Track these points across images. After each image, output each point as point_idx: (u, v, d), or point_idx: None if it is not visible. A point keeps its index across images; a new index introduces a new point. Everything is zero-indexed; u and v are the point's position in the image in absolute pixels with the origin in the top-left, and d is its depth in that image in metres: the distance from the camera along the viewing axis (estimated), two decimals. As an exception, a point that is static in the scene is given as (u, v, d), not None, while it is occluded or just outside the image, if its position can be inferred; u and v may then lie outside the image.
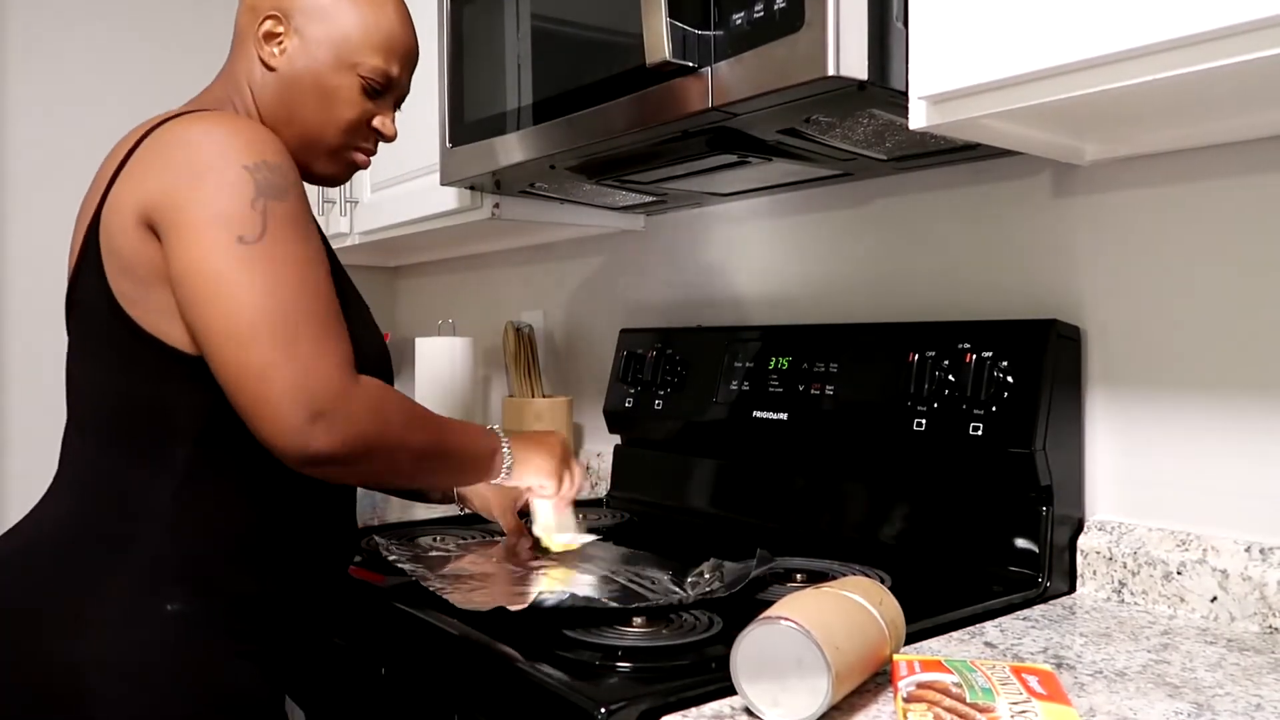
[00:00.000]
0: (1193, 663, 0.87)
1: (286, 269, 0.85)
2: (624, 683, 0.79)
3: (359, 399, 0.85)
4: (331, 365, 0.84)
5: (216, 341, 0.83)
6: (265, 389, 0.81)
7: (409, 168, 1.75)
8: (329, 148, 1.03)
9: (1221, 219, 1.04)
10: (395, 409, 0.90)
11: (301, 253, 0.86)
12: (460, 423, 1.04)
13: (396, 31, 1.02)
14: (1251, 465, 1.01)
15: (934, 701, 0.70)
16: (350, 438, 0.83)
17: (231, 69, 1.03)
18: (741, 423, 1.39)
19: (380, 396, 0.88)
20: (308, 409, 0.81)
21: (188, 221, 0.85)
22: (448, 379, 1.97)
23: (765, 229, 1.56)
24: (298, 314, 0.83)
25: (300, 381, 0.82)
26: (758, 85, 0.94)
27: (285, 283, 0.84)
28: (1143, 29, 0.73)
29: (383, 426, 0.87)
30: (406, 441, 0.90)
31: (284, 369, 0.81)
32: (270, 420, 0.81)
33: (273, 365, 0.81)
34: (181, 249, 0.85)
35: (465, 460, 1.02)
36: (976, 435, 1.10)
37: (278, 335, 0.82)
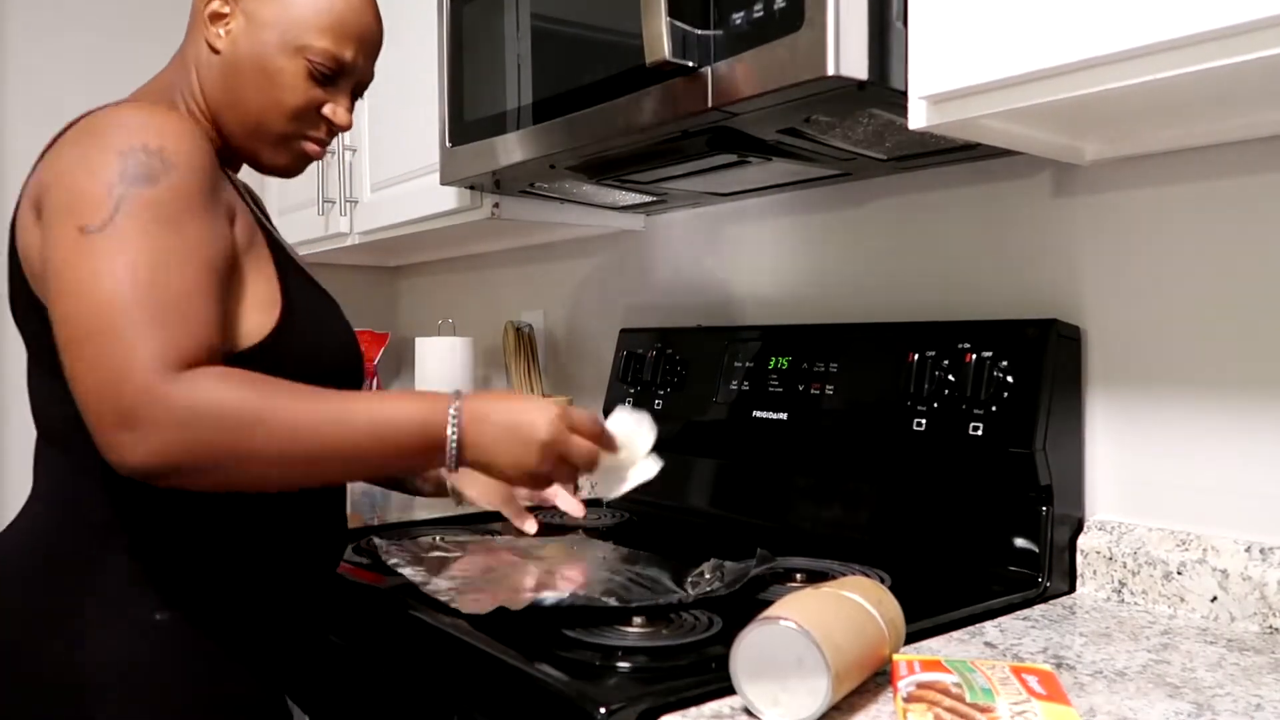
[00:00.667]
0: (1193, 663, 0.87)
1: (119, 260, 0.77)
2: (624, 683, 0.79)
3: (167, 405, 0.74)
4: (138, 367, 0.74)
5: (59, 342, 0.78)
6: (80, 394, 0.75)
7: (409, 168, 1.75)
8: (275, 135, 0.97)
9: (1221, 219, 1.04)
10: (234, 409, 0.75)
11: (153, 243, 0.78)
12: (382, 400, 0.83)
13: (350, 14, 0.97)
14: (1251, 465, 1.01)
15: (934, 701, 0.70)
16: (165, 447, 0.73)
17: (182, 52, 0.99)
18: (741, 423, 1.38)
19: (210, 396, 0.75)
20: (112, 416, 0.73)
21: (48, 210, 0.82)
22: (448, 379, 1.97)
23: (765, 229, 1.56)
24: (115, 310, 0.75)
25: (103, 385, 0.74)
26: (758, 85, 0.94)
27: (112, 275, 0.76)
28: (1142, 29, 0.73)
29: (207, 433, 0.74)
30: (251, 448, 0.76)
31: (92, 372, 0.75)
32: (92, 430, 0.75)
33: (84, 368, 0.75)
34: (44, 241, 0.81)
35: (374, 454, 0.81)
36: (976, 435, 1.10)
37: (93, 335, 0.75)
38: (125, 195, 0.79)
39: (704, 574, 1.07)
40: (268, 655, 0.95)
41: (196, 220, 0.82)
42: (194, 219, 0.82)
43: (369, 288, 2.64)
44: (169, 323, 0.76)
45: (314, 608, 1.03)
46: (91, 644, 0.85)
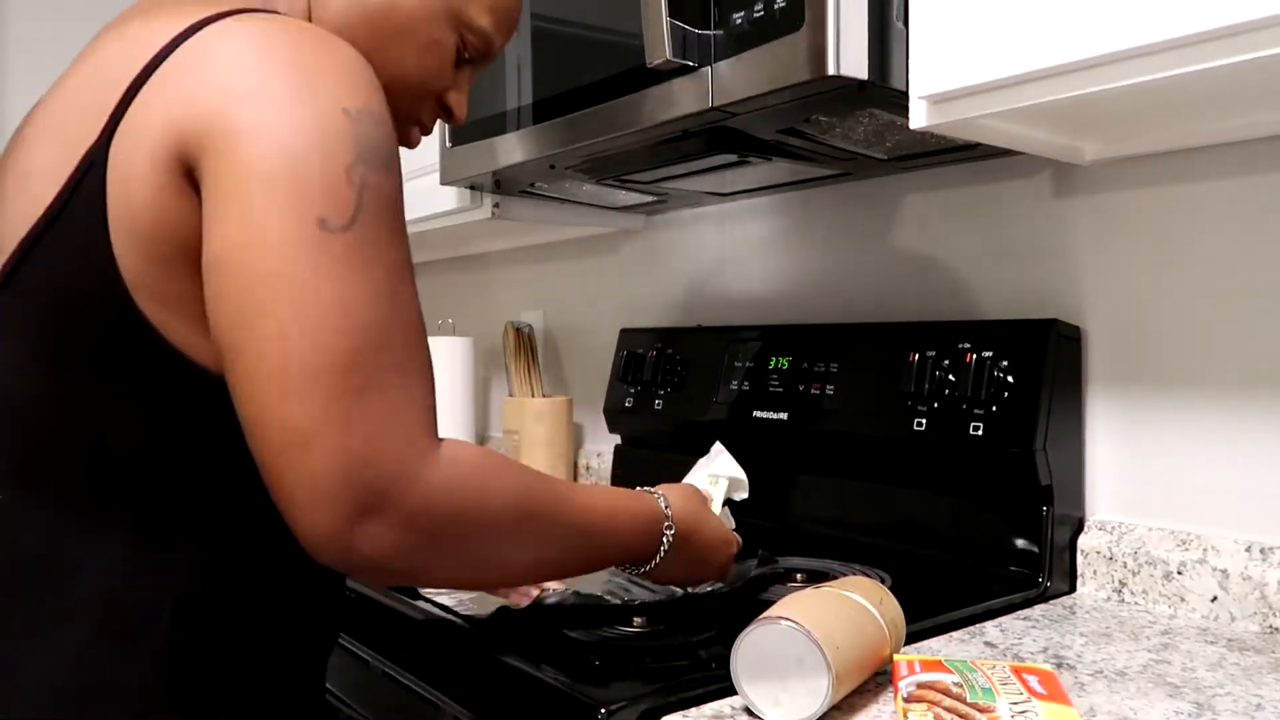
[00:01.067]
0: (1193, 662, 0.87)
1: (372, 282, 0.58)
2: (624, 683, 0.79)
3: (440, 485, 0.60)
4: (402, 436, 0.58)
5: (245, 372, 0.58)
6: (305, 460, 0.56)
7: (409, 168, 1.74)
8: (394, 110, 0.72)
9: (1221, 219, 1.04)
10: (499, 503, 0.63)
11: (393, 256, 0.61)
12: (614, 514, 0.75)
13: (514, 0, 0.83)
14: (1251, 465, 1.01)
15: (934, 701, 0.70)
16: (417, 543, 0.60)
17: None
18: (741, 423, 1.38)
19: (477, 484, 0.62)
20: (352, 503, 0.57)
21: (246, 170, 0.57)
22: (448, 379, 1.97)
23: (765, 229, 1.56)
24: (376, 351, 0.58)
25: (356, 456, 0.56)
26: (758, 85, 0.94)
27: (370, 301, 0.58)
28: (1142, 29, 0.73)
29: (468, 529, 0.62)
30: (504, 555, 0.65)
31: (337, 435, 0.56)
32: (305, 506, 0.57)
33: (323, 427, 0.56)
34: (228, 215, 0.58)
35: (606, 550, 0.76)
36: (976, 435, 1.10)
37: (341, 382, 0.56)
38: (367, 185, 0.60)
39: None
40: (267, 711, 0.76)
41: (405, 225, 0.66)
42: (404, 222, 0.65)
43: (369, 288, 2.64)
44: (421, 374, 0.61)
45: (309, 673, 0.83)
46: None
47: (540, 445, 1.78)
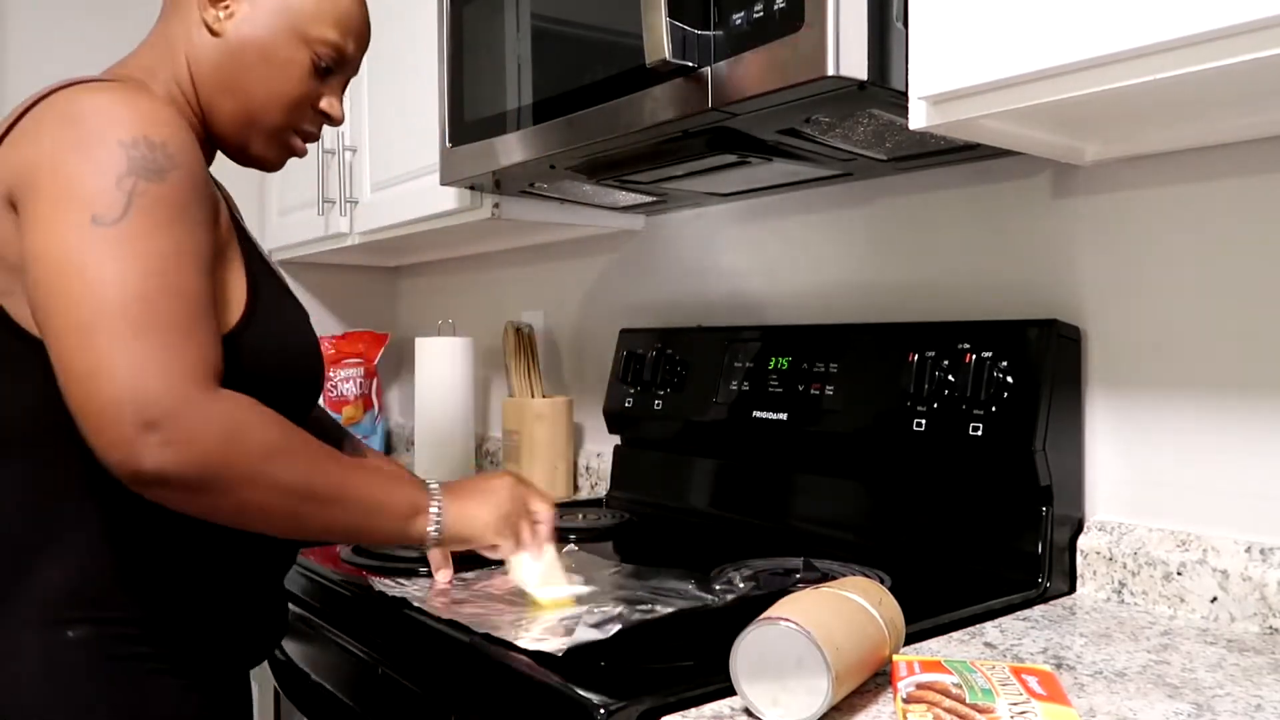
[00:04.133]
0: (1193, 663, 0.87)
1: (143, 258, 0.74)
2: (624, 683, 0.79)
3: (206, 414, 0.73)
4: (175, 371, 0.73)
5: (54, 333, 0.74)
6: (94, 389, 0.71)
7: (409, 168, 1.75)
8: (269, 127, 0.95)
9: (1221, 219, 1.04)
10: (262, 434, 0.77)
11: (167, 242, 0.76)
12: (380, 471, 0.91)
13: (353, 7, 0.96)
14: (1251, 465, 1.01)
15: (934, 702, 0.70)
16: (188, 458, 0.72)
17: (165, 31, 0.94)
18: (741, 423, 1.38)
19: (242, 418, 0.76)
20: (137, 417, 0.70)
21: (44, 196, 0.76)
22: (448, 379, 1.97)
23: (765, 229, 1.56)
24: (145, 309, 0.73)
25: (133, 384, 0.71)
26: (757, 85, 0.94)
27: (138, 272, 0.74)
28: (1143, 29, 0.73)
29: (235, 449, 0.75)
30: (271, 475, 0.77)
31: (117, 369, 0.71)
32: (96, 427, 0.71)
33: (105, 364, 0.71)
34: (33, 226, 0.76)
35: (370, 513, 0.87)
36: (976, 435, 1.10)
37: (117, 331, 0.72)
38: (137, 189, 0.76)
39: (735, 582, 1.06)
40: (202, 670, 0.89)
41: (194, 220, 0.80)
42: (194, 220, 0.80)
43: (369, 288, 2.64)
44: (196, 332, 0.76)
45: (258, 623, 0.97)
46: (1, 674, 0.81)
47: (540, 445, 1.78)
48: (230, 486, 0.76)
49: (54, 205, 0.75)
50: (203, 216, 0.82)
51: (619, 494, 1.64)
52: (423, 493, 0.92)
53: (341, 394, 2.31)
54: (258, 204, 2.30)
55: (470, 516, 0.95)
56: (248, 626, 0.96)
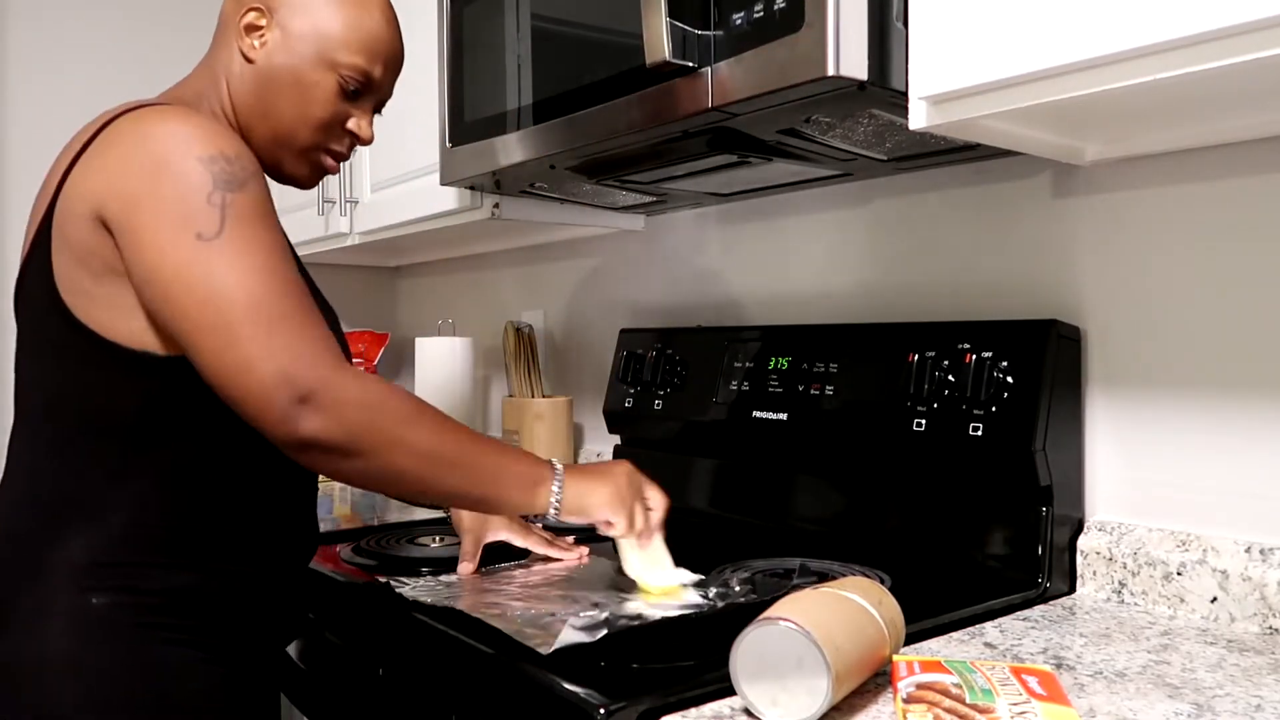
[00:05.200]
0: (1193, 663, 0.87)
1: (252, 259, 0.83)
2: (624, 683, 0.79)
3: (350, 385, 0.83)
4: (315, 351, 0.82)
5: (195, 340, 0.82)
6: (250, 380, 0.80)
7: (409, 168, 1.75)
8: (300, 146, 1.01)
9: (1222, 219, 1.04)
10: (398, 404, 0.87)
11: (265, 242, 0.85)
12: (505, 445, 0.98)
13: (381, 33, 1.01)
14: (1251, 465, 1.01)
15: (934, 702, 0.70)
16: (340, 423, 0.82)
17: (211, 60, 1.02)
18: (741, 423, 1.38)
19: (378, 389, 0.86)
20: (293, 392, 0.80)
21: (144, 221, 0.83)
22: (448, 379, 1.97)
23: (766, 229, 1.56)
24: (271, 302, 0.82)
25: (284, 366, 0.80)
26: (758, 85, 0.94)
27: (253, 273, 0.82)
28: (1143, 29, 0.73)
29: (377, 417, 0.84)
30: (410, 439, 0.86)
31: (266, 358, 0.80)
32: (258, 410, 0.81)
33: (255, 356, 0.80)
34: (141, 250, 0.84)
35: (495, 479, 0.93)
36: (976, 435, 1.10)
37: (256, 325, 0.81)
38: (227, 201, 0.84)
39: (732, 585, 1.06)
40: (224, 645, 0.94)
41: (274, 219, 0.89)
42: (273, 218, 0.89)
43: (369, 288, 2.64)
44: (314, 319, 0.85)
45: (281, 602, 1.02)
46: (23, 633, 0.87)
47: (540, 445, 1.78)
48: (374, 449, 0.84)
49: (158, 228, 0.83)
50: (276, 216, 0.90)
51: (619, 494, 1.64)
52: (546, 467, 0.98)
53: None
54: (258, 204, 2.30)
55: (589, 493, 1.00)
56: (270, 606, 1.00)
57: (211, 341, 0.81)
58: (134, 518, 0.90)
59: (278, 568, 1.00)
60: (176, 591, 0.91)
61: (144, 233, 0.83)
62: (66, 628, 0.87)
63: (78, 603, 0.87)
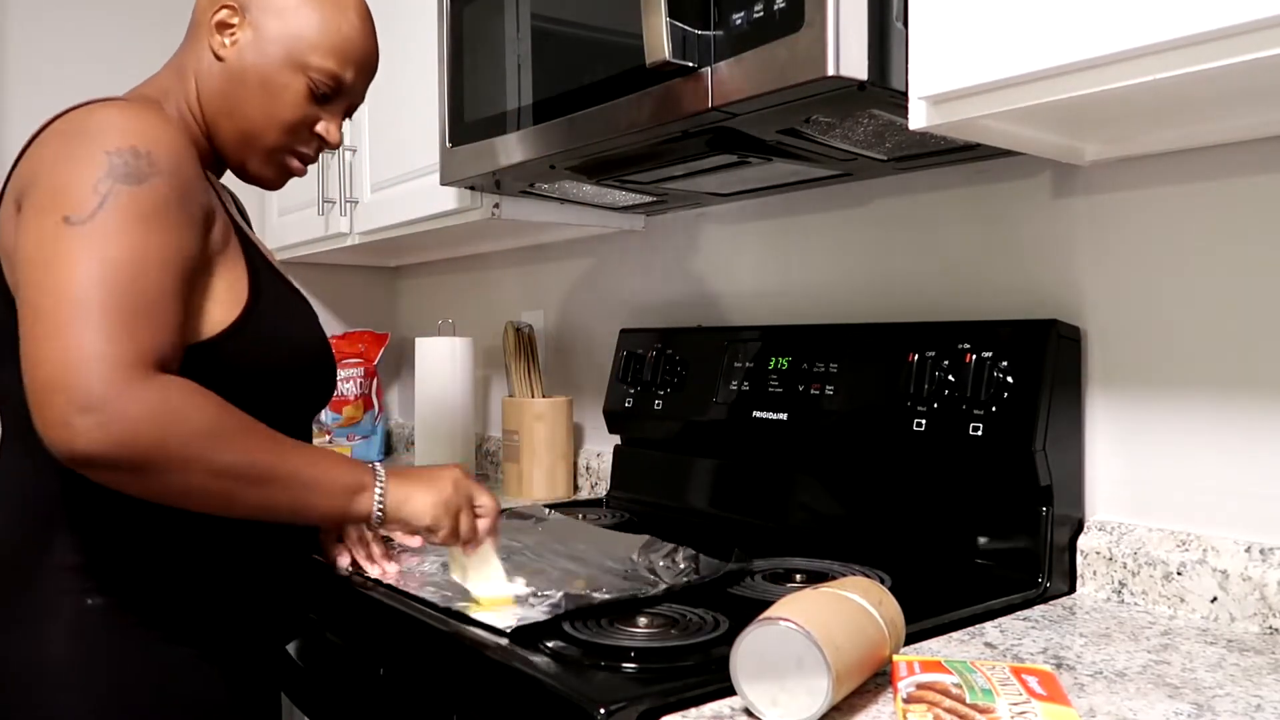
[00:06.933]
0: (1193, 663, 0.87)
1: (106, 252, 0.79)
2: (624, 683, 0.79)
3: (140, 398, 0.77)
4: (114, 356, 0.76)
5: (20, 321, 0.79)
6: (39, 373, 0.76)
7: (409, 168, 1.75)
8: (266, 147, 1.00)
9: (1221, 219, 1.04)
10: (197, 417, 0.80)
11: (134, 240, 0.80)
12: (322, 451, 0.93)
13: (355, 37, 1.00)
14: (1251, 465, 1.01)
15: (934, 702, 0.70)
16: (120, 439, 0.76)
17: (181, 57, 1.00)
18: (741, 423, 1.38)
19: (177, 403, 0.79)
20: (73, 399, 0.75)
21: (32, 202, 0.82)
22: (448, 379, 1.97)
23: (765, 229, 1.56)
24: (97, 300, 0.77)
25: (71, 371, 0.75)
26: (758, 85, 0.94)
27: (97, 266, 0.78)
28: (1143, 29, 0.73)
29: (167, 433, 0.78)
30: (205, 457, 0.80)
31: (58, 354, 0.76)
32: (38, 409, 0.76)
33: (49, 349, 0.76)
34: (19, 230, 0.82)
35: (309, 491, 0.88)
36: (976, 435, 1.10)
37: (63, 322, 0.76)
38: (111, 191, 0.81)
39: (678, 562, 1.10)
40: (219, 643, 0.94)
41: (173, 224, 0.84)
42: (171, 223, 0.84)
43: (369, 288, 2.64)
44: (143, 325, 0.79)
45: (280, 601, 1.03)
46: (21, 636, 0.87)
47: (540, 445, 1.78)
48: (164, 468, 0.79)
49: (38, 209, 0.81)
50: (184, 221, 0.86)
51: (619, 494, 1.64)
52: (366, 472, 0.94)
53: (341, 394, 2.31)
54: (258, 204, 2.30)
55: (411, 499, 0.97)
56: (268, 605, 1.01)
57: (27, 325, 0.78)
58: (128, 518, 0.90)
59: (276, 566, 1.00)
60: (174, 591, 0.91)
61: (28, 211, 0.82)
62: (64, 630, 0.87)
63: (75, 604, 0.87)
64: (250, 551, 0.97)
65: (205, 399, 0.82)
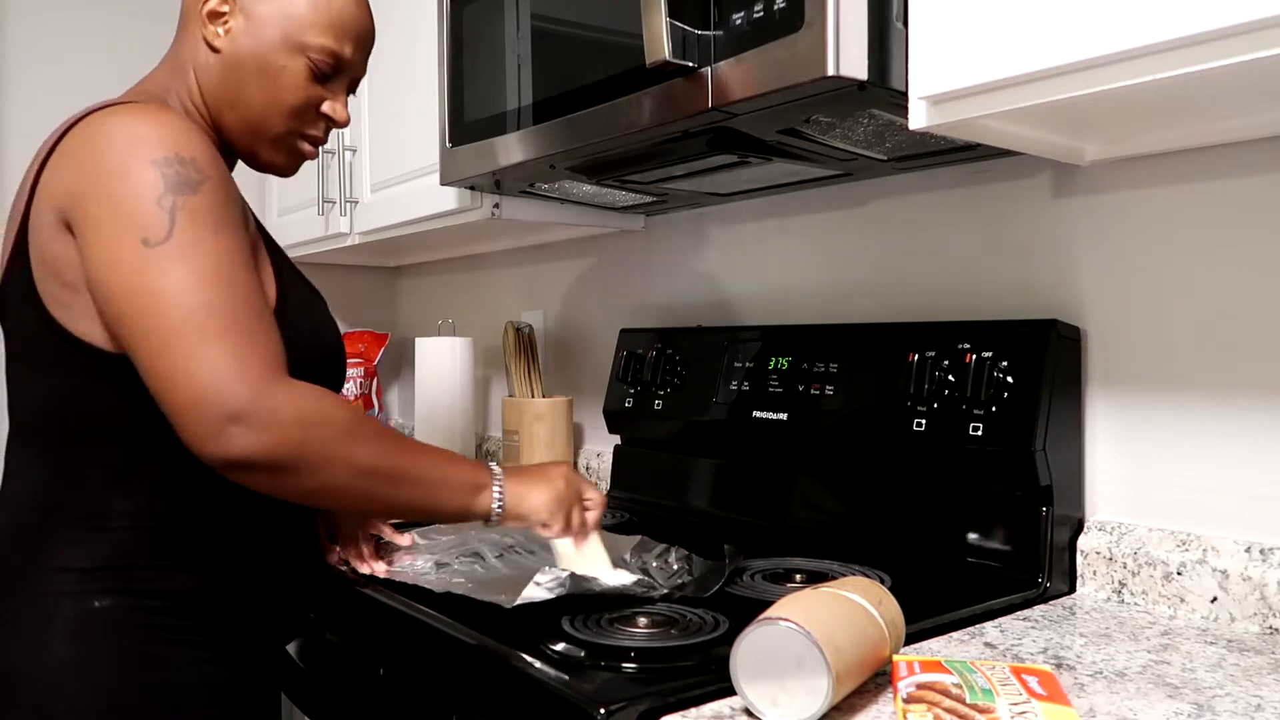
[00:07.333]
0: (1193, 663, 0.87)
1: (197, 265, 0.81)
2: (624, 683, 0.79)
3: (285, 402, 0.80)
4: (250, 366, 0.80)
5: (134, 346, 0.81)
6: (181, 393, 0.78)
7: (409, 168, 1.75)
8: (274, 134, 0.99)
9: (1221, 219, 1.04)
10: (336, 418, 0.84)
11: (213, 248, 0.82)
12: (443, 451, 0.96)
13: (348, 10, 0.98)
14: (1251, 465, 1.01)
15: (934, 702, 0.70)
16: (273, 443, 0.79)
17: (176, 52, 0.99)
18: (741, 423, 1.38)
19: (316, 405, 0.83)
20: (223, 411, 0.77)
21: (94, 223, 0.82)
22: (448, 379, 1.97)
23: (765, 229, 1.56)
24: (210, 314, 0.80)
25: (216, 383, 0.78)
26: (758, 85, 0.94)
27: (196, 281, 0.80)
28: (1143, 29, 0.73)
29: (312, 434, 0.81)
30: (348, 455, 0.84)
31: (199, 371, 0.78)
32: (188, 425, 0.79)
33: (187, 369, 0.78)
34: (90, 251, 0.82)
35: (437, 489, 0.93)
36: (976, 435, 1.10)
37: (191, 337, 0.78)
38: (176, 206, 0.82)
39: (670, 563, 1.10)
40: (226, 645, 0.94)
41: (232, 223, 0.86)
42: (232, 223, 0.86)
43: (369, 288, 2.64)
44: (257, 329, 0.82)
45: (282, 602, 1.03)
46: (26, 637, 0.87)
47: (540, 445, 1.78)
48: (311, 467, 0.82)
49: (107, 232, 0.81)
50: (238, 219, 0.87)
51: (619, 494, 1.64)
52: (485, 472, 0.98)
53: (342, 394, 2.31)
54: (259, 204, 2.30)
55: (528, 496, 1.00)
56: (270, 605, 1.00)
57: (147, 349, 0.80)
58: (134, 521, 0.90)
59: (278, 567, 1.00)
60: (178, 593, 0.91)
61: (93, 236, 0.82)
62: (69, 631, 0.87)
63: (80, 606, 0.87)
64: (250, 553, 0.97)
65: (334, 400, 0.86)
